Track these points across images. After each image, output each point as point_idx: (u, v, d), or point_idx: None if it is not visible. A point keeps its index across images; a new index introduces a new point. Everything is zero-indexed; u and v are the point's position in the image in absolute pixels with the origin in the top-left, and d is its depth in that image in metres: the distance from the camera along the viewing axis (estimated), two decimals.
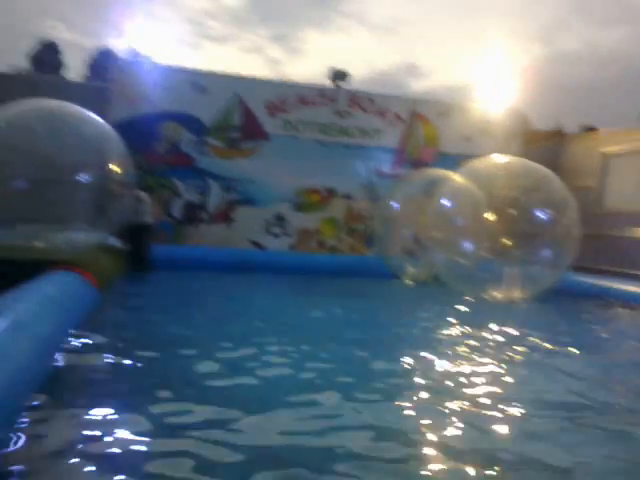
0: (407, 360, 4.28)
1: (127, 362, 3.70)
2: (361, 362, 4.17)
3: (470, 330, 5.55)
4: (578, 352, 5.02)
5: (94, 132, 6.85)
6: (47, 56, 21.50)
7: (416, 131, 11.73)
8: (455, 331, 5.55)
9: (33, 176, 6.22)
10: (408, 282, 9.10)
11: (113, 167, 6.78)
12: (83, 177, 6.53)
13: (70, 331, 4.13)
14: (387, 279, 9.12)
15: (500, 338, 5.32)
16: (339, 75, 11.64)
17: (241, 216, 10.74)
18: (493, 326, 5.80)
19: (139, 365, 3.69)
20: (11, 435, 2.37)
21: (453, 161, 10.84)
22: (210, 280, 8.33)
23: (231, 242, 10.48)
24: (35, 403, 2.76)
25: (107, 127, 7.24)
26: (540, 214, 6.92)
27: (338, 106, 11.32)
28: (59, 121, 6.64)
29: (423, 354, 4.46)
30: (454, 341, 5.09)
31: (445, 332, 5.52)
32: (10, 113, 6.49)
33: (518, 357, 4.66)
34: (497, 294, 6.98)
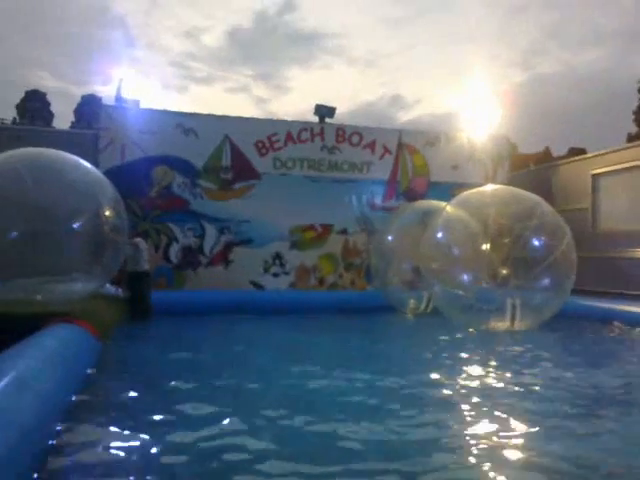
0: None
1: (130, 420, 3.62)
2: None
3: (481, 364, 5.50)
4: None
5: (85, 179, 6.81)
6: (34, 106, 21.63)
7: (405, 162, 11.85)
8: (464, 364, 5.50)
9: (26, 228, 6.16)
10: (408, 315, 9.06)
11: (107, 213, 6.73)
12: (77, 225, 6.48)
13: (73, 386, 4.04)
14: (388, 313, 9.08)
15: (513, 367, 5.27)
16: (325, 111, 11.75)
17: (239, 257, 10.71)
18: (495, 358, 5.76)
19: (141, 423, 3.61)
20: None
21: (444, 190, 10.99)
22: (210, 324, 8.25)
23: (231, 284, 10.42)
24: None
25: (98, 173, 7.22)
26: (536, 241, 6.97)
27: (326, 142, 11.43)
28: (48, 169, 6.61)
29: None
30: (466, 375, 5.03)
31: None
32: (1, 163, 6.44)
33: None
34: (498, 324, 6.95)
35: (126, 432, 3.29)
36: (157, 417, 3.60)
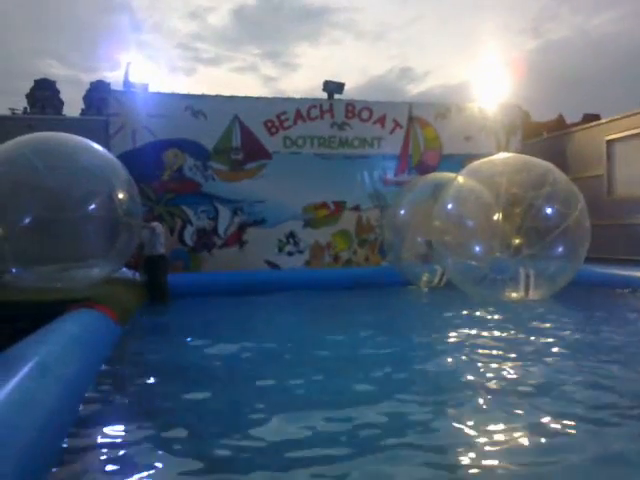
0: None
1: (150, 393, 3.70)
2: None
3: (499, 333, 5.52)
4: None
5: (97, 162, 6.82)
6: (44, 95, 21.72)
7: (416, 135, 11.77)
8: (481, 333, 5.52)
9: (41, 214, 6.23)
10: (423, 288, 9.09)
11: (120, 196, 6.76)
12: (91, 210, 6.52)
13: (95, 369, 4.14)
14: (402, 287, 9.11)
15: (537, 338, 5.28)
16: (334, 87, 11.67)
17: (253, 237, 10.80)
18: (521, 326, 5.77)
19: (162, 398, 3.69)
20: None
21: (456, 162, 10.90)
22: (228, 305, 8.32)
23: (246, 264, 10.52)
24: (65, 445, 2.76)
25: (109, 156, 7.23)
26: (548, 209, 6.92)
27: (336, 118, 11.37)
28: (59, 153, 6.61)
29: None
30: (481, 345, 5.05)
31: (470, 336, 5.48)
32: (10, 150, 6.47)
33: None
34: (514, 294, 6.95)
35: (146, 414, 3.34)
36: (177, 399, 3.62)
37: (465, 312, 6.66)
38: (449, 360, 4.53)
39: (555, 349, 4.83)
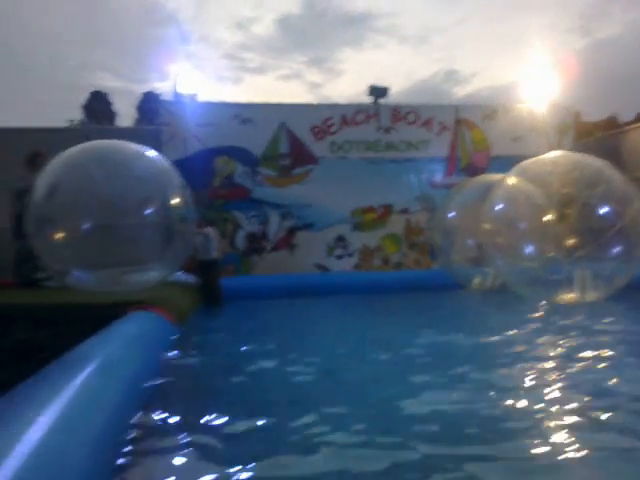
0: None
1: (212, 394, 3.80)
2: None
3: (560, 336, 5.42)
4: None
5: (151, 169, 7.01)
6: (99, 106, 22.54)
7: (463, 137, 11.66)
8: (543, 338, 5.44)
9: (101, 221, 6.46)
10: (475, 291, 8.97)
11: (174, 202, 6.94)
12: (146, 216, 6.72)
13: (152, 369, 4.27)
14: (454, 290, 9.03)
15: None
16: (379, 91, 11.70)
17: (302, 241, 10.94)
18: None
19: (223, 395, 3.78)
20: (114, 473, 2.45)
21: (505, 163, 10.69)
22: (281, 307, 8.45)
23: (296, 268, 10.66)
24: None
25: (163, 162, 7.42)
26: (603, 209, 6.73)
27: (382, 122, 11.40)
28: (113, 161, 6.84)
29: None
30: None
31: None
32: (69, 159, 6.74)
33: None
34: (568, 296, 6.79)
35: (206, 412, 3.38)
36: (236, 397, 3.71)
37: (521, 314, 6.59)
38: (514, 360, 4.48)
39: (617, 351, 4.73)
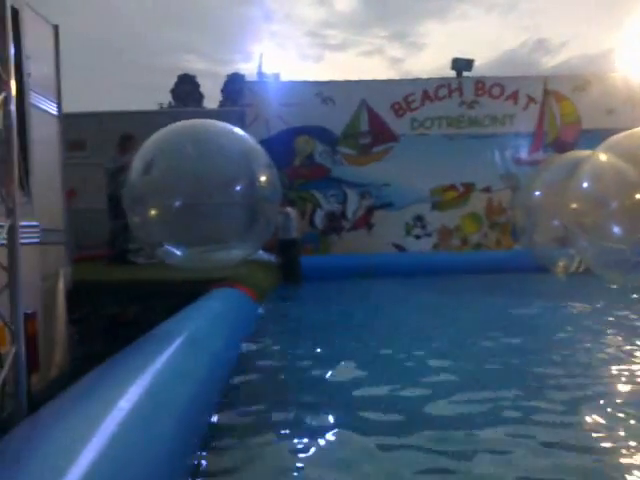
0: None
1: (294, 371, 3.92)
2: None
3: None
4: None
5: (240, 147, 7.17)
6: (186, 89, 23.31)
7: (552, 110, 11.13)
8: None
9: (191, 198, 6.73)
10: (559, 274, 8.64)
11: (262, 180, 7.08)
12: (235, 194, 6.92)
13: (237, 343, 4.48)
14: (537, 272, 8.75)
15: None
16: (463, 64, 11.34)
17: (381, 220, 10.93)
18: None
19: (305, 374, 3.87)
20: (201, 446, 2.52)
21: (597, 137, 10.10)
22: (359, 285, 8.51)
23: (373, 247, 10.67)
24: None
25: (252, 141, 7.56)
26: None
27: (465, 96, 11.08)
28: (205, 137, 7.04)
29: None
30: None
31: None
32: (164, 137, 7.00)
33: None
34: None
35: (290, 383, 3.52)
36: (319, 372, 3.71)
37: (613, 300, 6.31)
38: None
39: None
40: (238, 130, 7.30)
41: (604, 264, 6.68)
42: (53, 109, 4.77)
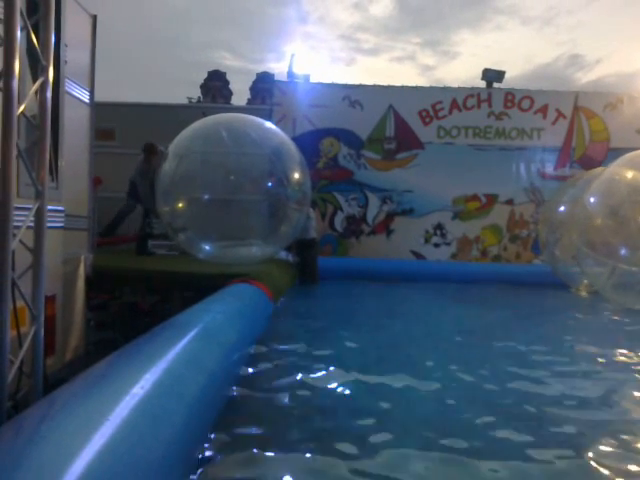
0: None
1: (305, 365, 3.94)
2: None
3: None
4: None
5: (278, 147, 7.13)
6: (216, 85, 23.50)
7: (581, 127, 11.01)
8: None
9: (221, 193, 6.77)
10: (582, 293, 8.53)
11: (293, 179, 7.07)
12: (265, 192, 6.94)
13: (252, 339, 4.50)
14: (558, 289, 8.65)
15: None
16: (494, 75, 11.27)
17: (400, 227, 10.90)
18: None
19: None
20: (210, 437, 2.52)
21: None
22: (375, 291, 8.52)
23: (391, 253, 10.67)
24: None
25: (286, 138, 7.52)
26: None
27: (494, 108, 11.02)
28: (243, 134, 7.03)
29: None
30: None
31: None
32: (203, 128, 7.01)
33: None
34: None
35: (302, 378, 3.50)
36: (329, 366, 3.74)
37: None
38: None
39: None
40: (276, 129, 7.26)
41: (610, 286, 6.55)
42: (85, 97, 4.84)
